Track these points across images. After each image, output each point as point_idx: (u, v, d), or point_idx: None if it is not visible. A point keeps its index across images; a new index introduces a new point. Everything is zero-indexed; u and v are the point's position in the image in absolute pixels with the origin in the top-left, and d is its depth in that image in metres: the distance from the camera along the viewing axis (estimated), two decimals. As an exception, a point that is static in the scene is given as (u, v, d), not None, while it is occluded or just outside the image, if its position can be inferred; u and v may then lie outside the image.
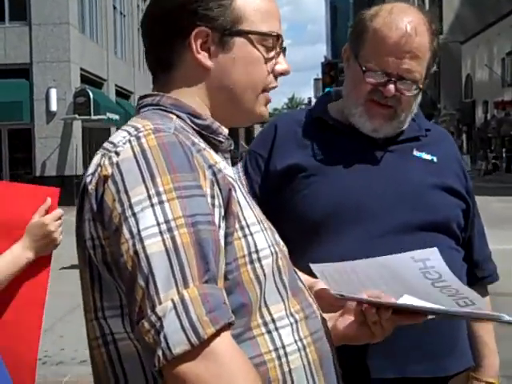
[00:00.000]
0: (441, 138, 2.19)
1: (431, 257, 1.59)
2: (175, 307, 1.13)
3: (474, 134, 62.91)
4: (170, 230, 1.18)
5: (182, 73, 1.44)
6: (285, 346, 1.34)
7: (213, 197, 1.27)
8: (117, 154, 1.26)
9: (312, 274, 1.76)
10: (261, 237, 1.36)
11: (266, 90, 1.49)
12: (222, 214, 1.28)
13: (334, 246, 1.89)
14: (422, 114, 2.18)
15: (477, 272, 2.17)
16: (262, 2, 1.47)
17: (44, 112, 22.56)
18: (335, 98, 2.17)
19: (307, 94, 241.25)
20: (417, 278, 1.60)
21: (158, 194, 1.20)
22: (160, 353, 1.12)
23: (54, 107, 22.39)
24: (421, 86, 1.98)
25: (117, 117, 24.77)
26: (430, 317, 1.58)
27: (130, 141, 1.27)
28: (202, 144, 1.36)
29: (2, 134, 23.25)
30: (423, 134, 2.10)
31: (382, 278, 1.64)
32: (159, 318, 1.13)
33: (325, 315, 1.55)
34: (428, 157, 2.06)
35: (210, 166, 1.30)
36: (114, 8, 29.45)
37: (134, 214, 1.19)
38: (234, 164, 1.54)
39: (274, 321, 1.34)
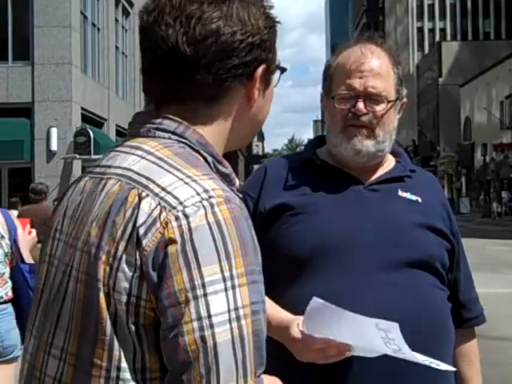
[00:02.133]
0: (427, 180, 2.23)
1: (392, 330, 1.58)
2: None
3: (473, 176, 63.06)
4: (238, 318, 1.13)
5: (226, 109, 1.36)
6: None
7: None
8: (186, 216, 1.17)
9: (290, 311, 1.83)
10: None
11: None
12: None
13: (319, 283, 1.92)
14: (407, 156, 2.24)
15: (464, 313, 2.19)
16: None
17: (44, 151, 22.62)
18: (323, 143, 2.22)
19: (307, 135, 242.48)
20: (380, 344, 1.62)
21: (232, 277, 1.14)
22: None
23: (54, 146, 22.46)
24: (391, 102, 2.04)
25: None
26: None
27: (204, 206, 1.17)
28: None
29: (2, 172, 23.30)
30: (408, 175, 2.15)
31: (354, 336, 1.67)
32: None
33: None
34: (413, 197, 2.10)
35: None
36: (117, 48, 29.73)
37: (205, 295, 1.13)
38: None
39: None
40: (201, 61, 1.29)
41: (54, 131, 22.48)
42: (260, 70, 1.35)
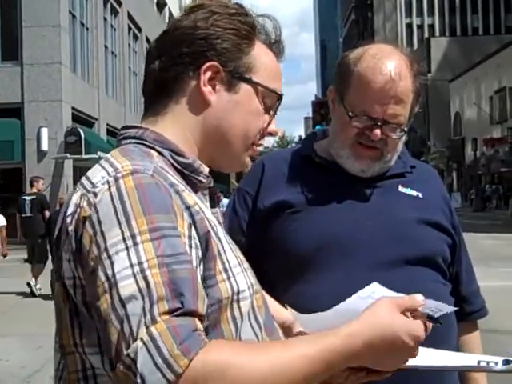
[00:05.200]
0: (426, 174, 2.22)
1: (376, 289, 1.59)
2: (146, 345, 1.12)
3: (464, 171, 63.22)
4: (142, 270, 1.18)
5: (181, 101, 1.45)
6: None
7: (190, 238, 1.27)
8: (95, 194, 1.27)
9: (297, 309, 1.78)
10: (241, 278, 1.37)
11: (254, 143, 1.53)
12: (200, 255, 1.29)
13: (320, 281, 1.91)
14: (407, 152, 2.21)
15: (465, 307, 2.18)
16: (272, 61, 1.52)
17: (35, 151, 22.58)
18: (321, 137, 2.21)
19: (298, 132, 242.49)
20: None
21: (133, 236, 1.20)
22: None
23: (45, 146, 22.42)
24: (405, 128, 2.01)
25: (108, 156, 24.79)
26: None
27: (108, 181, 1.27)
28: (182, 185, 1.36)
29: (-8, 173, 23.22)
30: (408, 171, 2.13)
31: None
32: (133, 360, 1.12)
33: None
34: (413, 193, 2.08)
35: (188, 208, 1.31)
36: (106, 47, 29.68)
37: (109, 257, 1.20)
38: (212, 199, 1.53)
39: None
40: (157, 53, 1.47)
41: (44, 131, 22.44)
42: (206, 64, 1.43)
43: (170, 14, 41.70)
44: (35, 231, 13.42)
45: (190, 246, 1.27)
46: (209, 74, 1.43)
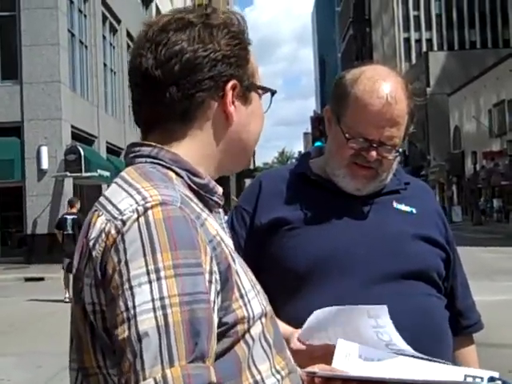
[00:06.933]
0: (420, 191, 2.25)
1: (381, 315, 1.62)
2: None
3: (465, 184, 63.28)
4: (163, 307, 1.18)
5: (203, 126, 1.44)
6: None
7: (211, 273, 1.27)
8: (123, 222, 1.26)
9: (292, 325, 1.82)
10: (255, 303, 1.38)
11: None
12: (218, 289, 1.29)
13: (317, 297, 1.93)
14: (401, 169, 2.24)
15: (461, 321, 2.21)
16: (255, 58, 1.53)
17: (35, 170, 22.60)
18: (316, 154, 2.24)
19: (298, 147, 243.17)
20: (371, 337, 1.65)
21: (157, 270, 1.20)
22: None
23: (45, 165, 22.45)
24: (400, 149, 2.05)
25: (107, 173, 24.84)
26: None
27: (137, 211, 1.26)
28: (204, 213, 1.36)
29: (-7, 192, 23.22)
30: (403, 188, 2.17)
31: (346, 334, 1.70)
32: None
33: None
34: (407, 208, 2.12)
35: (211, 241, 1.31)
36: (105, 65, 29.78)
37: (130, 288, 1.20)
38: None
39: (263, 379, 1.35)
40: (168, 80, 1.41)
41: (44, 150, 22.47)
42: (229, 84, 1.43)
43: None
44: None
45: (210, 282, 1.27)
46: (231, 93, 1.43)
